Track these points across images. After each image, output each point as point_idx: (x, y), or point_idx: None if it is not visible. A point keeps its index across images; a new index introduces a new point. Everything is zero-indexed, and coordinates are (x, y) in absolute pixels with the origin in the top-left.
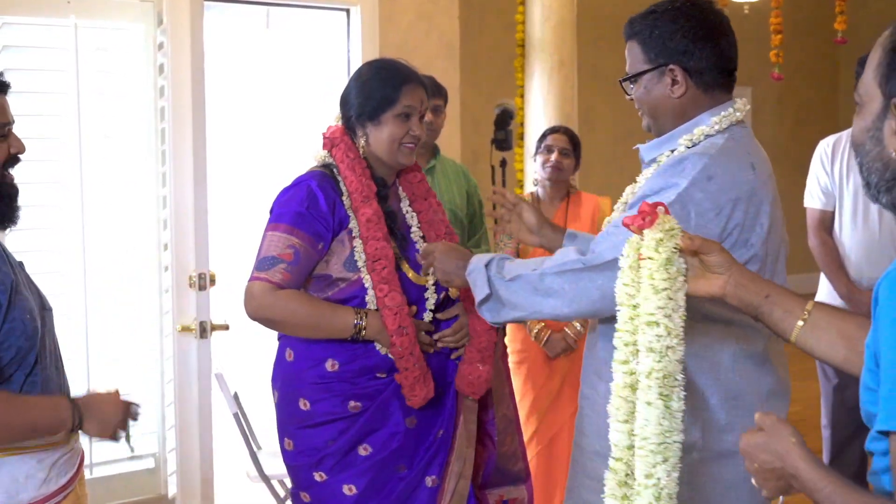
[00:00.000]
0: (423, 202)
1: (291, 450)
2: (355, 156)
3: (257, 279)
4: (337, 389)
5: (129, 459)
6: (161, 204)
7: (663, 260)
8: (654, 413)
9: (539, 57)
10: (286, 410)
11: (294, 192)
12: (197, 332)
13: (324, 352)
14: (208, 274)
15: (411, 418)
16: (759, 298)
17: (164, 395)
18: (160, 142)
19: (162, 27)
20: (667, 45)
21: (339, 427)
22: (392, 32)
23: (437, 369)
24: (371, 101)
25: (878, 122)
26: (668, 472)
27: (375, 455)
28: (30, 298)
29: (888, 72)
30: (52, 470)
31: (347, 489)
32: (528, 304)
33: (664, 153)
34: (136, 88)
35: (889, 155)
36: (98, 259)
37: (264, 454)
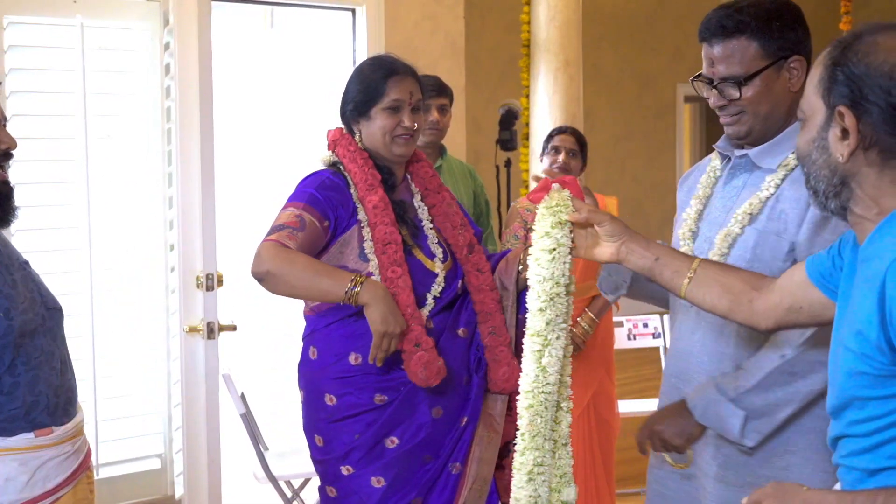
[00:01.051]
0: (435, 195)
1: (322, 445)
2: (356, 148)
3: (265, 240)
4: (361, 383)
5: (135, 460)
6: (167, 204)
7: (542, 232)
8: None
9: (544, 57)
10: (313, 407)
11: (310, 180)
12: (204, 333)
13: (346, 346)
14: (216, 274)
15: (437, 409)
16: (649, 261)
17: (170, 396)
18: (166, 142)
19: (168, 27)
20: (787, 37)
21: (365, 420)
22: (397, 32)
23: (461, 358)
24: (358, 98)
25: (823, 131)
26: (539, 413)
27: (403, 447)
28: (13, 297)
29: (829, 85)
30: (37, 472)
31: (376, 481)
32: (789, 395)
33: (789, 155)
34: (142, 88)
35: (836, 160)
36: (104, 259)
37: (271, 455)
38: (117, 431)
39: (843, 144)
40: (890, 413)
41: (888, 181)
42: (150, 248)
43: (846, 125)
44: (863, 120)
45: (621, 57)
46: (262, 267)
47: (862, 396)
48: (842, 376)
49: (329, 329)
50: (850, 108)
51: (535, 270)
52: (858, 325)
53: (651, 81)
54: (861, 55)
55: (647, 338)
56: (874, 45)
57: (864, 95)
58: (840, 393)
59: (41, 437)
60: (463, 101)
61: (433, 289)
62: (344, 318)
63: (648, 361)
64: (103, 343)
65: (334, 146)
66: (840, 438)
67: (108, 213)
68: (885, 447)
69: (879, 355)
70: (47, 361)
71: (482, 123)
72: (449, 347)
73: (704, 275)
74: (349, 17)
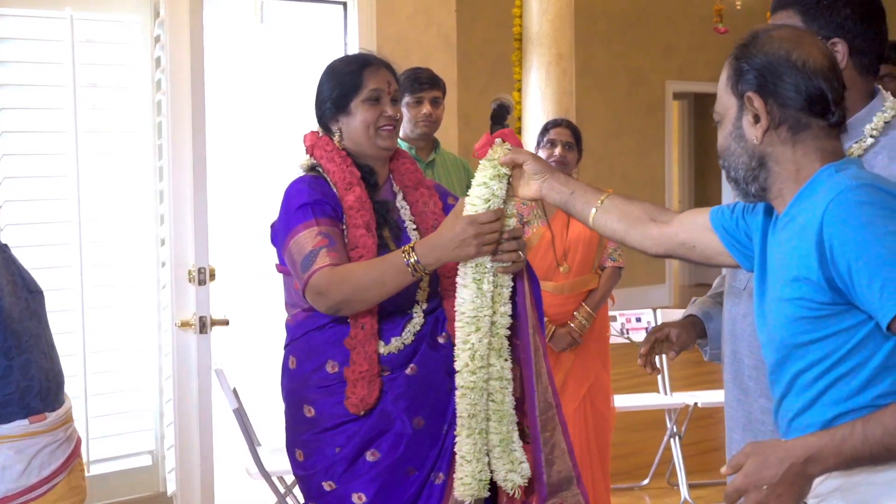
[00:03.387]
0: (413, 192)
1: (302, 460)
2: (333, 148)
3: (311, 275)
4: (339, 391)
5: (126, 457)
6: (158, 198)
7: (481, 181)
8: (468, 293)
9: (537, 51)
10: (293, 419)
11: (293, 193)
12: (196, 328)
13: (322, 353)
14: (208, 269)
15: (418, 419)
16: (565, 196)
17: (161, 391)
18: (157, 135)
19: (159, 19)
20: (833, 19)
21: (346, 432)
22: (390, 26)
23: (442, 365)
24: (335, 93)
25: (738, 121)
26: (479, 338)
27: (384, 460)
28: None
29: (736, 78)
30: (33, 460)
31: (357, 497)
32: None
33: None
34: (132, 81)
35: (752, 144)
36: (94, 254)
37: (264, 451)
38: (108, 428)
39: (756, 127)
40: (830, 354)
41: (801, 153)
42: (141, 242)
43: (756, 108)
44: (769, 101)
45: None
46: (332, 300)
47: (803, 342)
48: (780, 329)
49: (306, 337)
50: (756, 93)
51: (467, 210)
52: (795, 272)
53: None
54: (759, 47)
55: (641, 332)
56: (769, 37)
57: (767, 80)
58: (779, 346)
59: (36, 424)
60: (455, 96)
61: (418, 294)
62: (321, 326)
63: None
64: (94, 338)
65: (312, 150)
66: (783, 398)
67: (99, 208)
68: (830, 392)
69: (819, 295)
70: (37, 345)
71: (473, 118)
72: (429, 355)
73: (610, 204)
74: (340, 10)
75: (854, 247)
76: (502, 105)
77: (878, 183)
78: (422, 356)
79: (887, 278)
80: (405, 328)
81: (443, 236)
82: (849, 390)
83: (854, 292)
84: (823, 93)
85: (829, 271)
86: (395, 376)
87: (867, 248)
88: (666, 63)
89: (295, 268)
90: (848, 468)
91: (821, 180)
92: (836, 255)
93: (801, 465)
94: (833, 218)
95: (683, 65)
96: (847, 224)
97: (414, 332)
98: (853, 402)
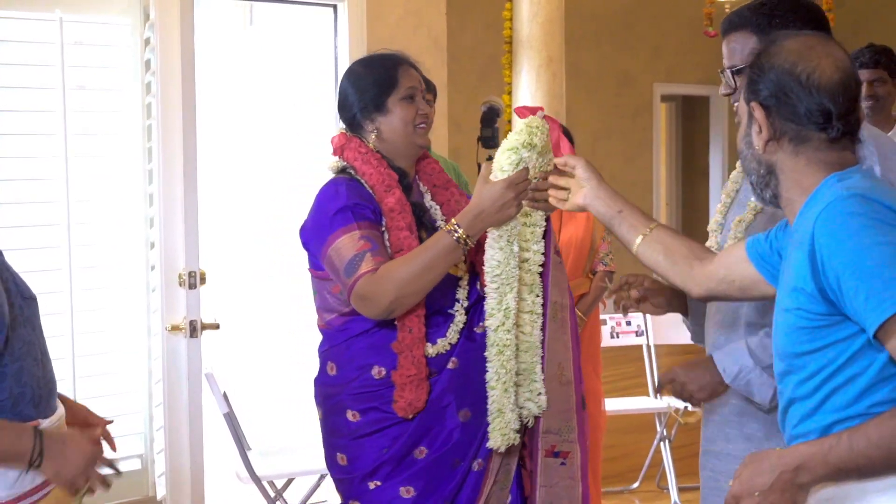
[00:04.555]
0: (444, 192)
1: (345, 464)
2: (367, 150)
3: (356, 281)
4: (387, 396)
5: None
6: (148, 201)
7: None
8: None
9: (527, 54)
10: (334, 424)
11: (329, 196)
12: (187, 332)
13: (368, 359)
14: (198, 272)
15: (465, 411)
16: (612, 211)
17: (151, 395)
18: (146, 138)
19: (149, 22)
20: None
21: (391, 434)
22: (380, 28)
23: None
24: (371, 92)
25: (748, 128)
26: (513, 298)
27: (432, 455)
28: None
29: (747, 86)
30: None
31: (405, 491)
32: None
33: None
34: (122, 84)
35: (758, 152)
36: (84, 257)
37: (254, 455)
38: None
39: (759, 137)
40: (828, 364)
41: (803, 164)
42: (130, 245)
43: (757, 118)
44: (770, 113)
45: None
46: (380, 304)
47: (802, 352)
48: (783, 339)
49: (349, 343)
50: (759, 104)
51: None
52: (794, 283)
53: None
54: (769, 57)
55: (630, 335)
56: (781, 48)
57: (770, 92)
58: (783, 354)
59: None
60: (444, 99)
61: (459, 293)
62: (366, 330)
63: (631, 359)
64: (82, 342)
65: (341, 151)
66: (790, 406)
67: (87, 210)
68: (829, 401)
69: (814, 305)
70: (30, 352)
71: (462, 122)
72: (468, 347)
73: (657, 236)
74: (330, 13)
75: (841, 258)
76: (492, 108)
77: (871, 193)
78: (461, 349)
79: (872, 289)
80: (449, 328)
81: (483, 204)
82: (846, 400)
83: (843, 303)
84: (825, 108)
85: (822, 282)
86: (440, 376)
87: (853, 259)
88: (654, 65)
89: (338, 274)
90: (837, 479)
91: (822, 190)
92: (826, 266)
93: (791, 473)
94: (822, 228)
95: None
96: (834, 235)
97: (458, 331)
98: (850, 409)
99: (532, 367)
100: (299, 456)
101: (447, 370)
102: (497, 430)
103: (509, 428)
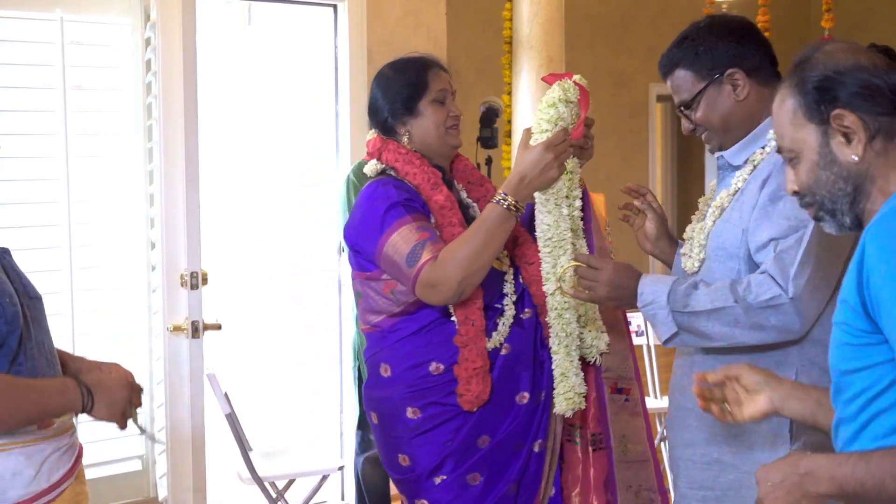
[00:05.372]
0: (479, 188)
1: (407, 464)
2: (407, 151)
3: (420, 270)
4: (446, 390)
5: (115, 462)
6: (149, 202)
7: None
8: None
9: (527, 54)
10: (392, 426)
11: (377, 196)
12: (189, 332)
13: (425, 356)
14: (200, 273)
15: (521, 394)
16: (810, 406)
17: (153, 397)
18: (147, 139)
19: (150, 22)
20: (717, 55)
21: (453, 427)
22: (379, 29)
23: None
24: (402, 95)
25: (824, 149)
26: (567, 259)
27: (495, 441)
28: (8, 283)
29: (811, 104)
30: (42, 466)
31: (472, 479)
32: (725, 335)
33: (756, 151)
34: (122, 84)
35: (849, 165)
36: (85, 257)
37: (256, 455)
38: (97, 433)
39: (853, 145)
40: (870, 386)
41: (892, 163)
42: (130, 246)
43: (848, 124)
44: (859, 113)
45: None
46: (448, 288)
47: (848, 369)
48: (832, 352)
49: (403, 342)
50: (844, 108)
51: (536, 138)
52: (842, 294)
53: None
54: (825, 66)
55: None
56: (829, 54)
57: (848, 92)
58: (833, 370)
59: (43, 430)
60: None
61: (505, 287)
62: (422, 327)
63: None
64: (84, 343)
65: (379, 154)
66: (839, 426)
67: (88, 211)
68: (871, 426)
69: (857, 321)
70: (41, 352)
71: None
72: (517, 333)
73: None
74: (330, 13)
75: (883, 275)
76: (491, 108)
77: None
78: (511, 336)
79: None
80: (500, 322)
81: (525, 169)
82: (886, 427)
83: (881, 323)
84: None
85: (864, 295)
86: (494, 363)
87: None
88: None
89: (398, 268)
90: (841, 499)
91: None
92: (870, 281)
93: (800, 477)
94: (872, 239)
95: None
96: (883, 248)
97: (509, 325)
98: (891, 439)
99: (591, 308)
100: (301, 457)
101: (501, 356)
102: (562, 395)
103: (574, 392)
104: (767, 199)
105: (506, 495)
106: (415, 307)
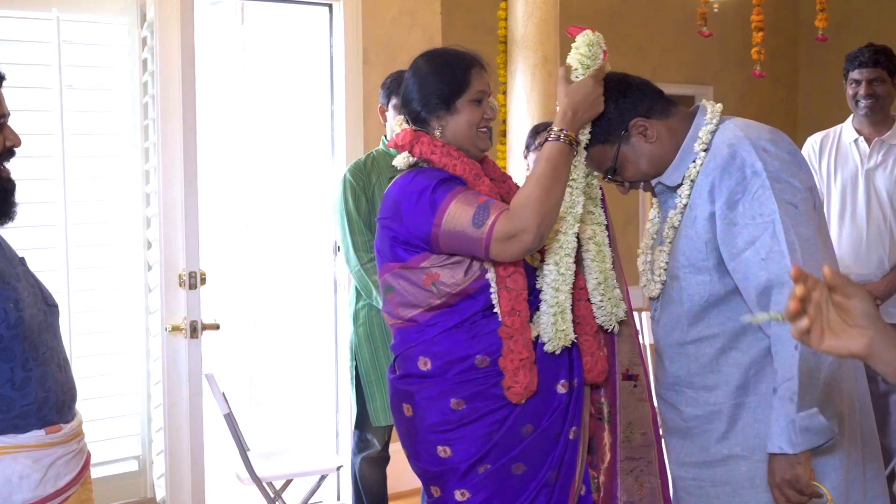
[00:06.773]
0: (502, 185)
1: (447, 455)
2: (442, 144)
3: (493, 226)
4: (490, 382)
5: (112, 462)
6: (145, 201)
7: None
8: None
9: (522, 54)
10: (433, 418)
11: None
12: (187, 332)
13: (471, 349)
14: (198, 272)
15: (562, 382)
16: None
17: (150, 396)
18: (144, 138)
19: (147, 22)
20: (620, 115)
21: (497, 417)
22: (375, 28)
23: None
24: (441, 90)
25: None
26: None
27: (538, 430)
28: (19, 290)
29: None
30: (49, 470)
31: (516, 468)
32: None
33: (689, 166)
34: (119, 83)
35: None
36: (82, 258)
37: (254, 456)
38: (94, 433)
39: None
40: None
41: None
42: (127, 245)
43: None
44: None
45: None
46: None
47: None
48: None
49: (443, 336)
50: None
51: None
52: None
53: None
54: None
55: None
56: None
57: None
58: None
59: (51, 435)
60: None
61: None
62: (464, 320)
63: None
64: (81, 343)
65: (411, 146)
66: None
67: (85, 211)
68: None
69: None
70: (53, 358)
71: None
72: None
73: None
74: (325, 12)
75: None
76: None
77: None
78: None
79: None
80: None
81: (577, 102)
82: None
83: None
84: None
85: None
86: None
87: None
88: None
89: (463, 237)
90: None
91: None
92: None
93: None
94: None
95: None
96: None
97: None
98: None
99: (610, 274)
100: (299, 457)
101: (540, 345)
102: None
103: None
104: (725, 207)
105: (547, 483)
106: (456, 299)
